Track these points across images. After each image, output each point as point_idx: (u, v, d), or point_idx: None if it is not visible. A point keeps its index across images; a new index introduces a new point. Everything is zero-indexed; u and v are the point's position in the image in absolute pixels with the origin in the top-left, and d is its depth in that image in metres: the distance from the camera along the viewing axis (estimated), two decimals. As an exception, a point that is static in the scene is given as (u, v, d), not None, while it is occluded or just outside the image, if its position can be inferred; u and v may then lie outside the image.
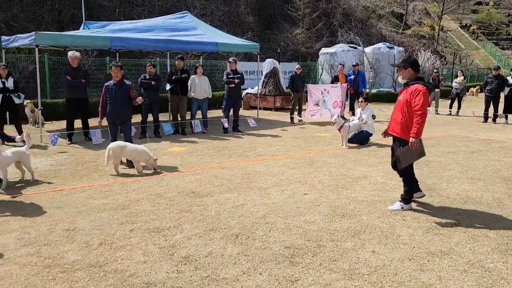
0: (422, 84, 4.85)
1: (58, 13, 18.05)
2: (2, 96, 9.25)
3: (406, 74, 4.99)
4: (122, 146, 6.71)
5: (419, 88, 4.80)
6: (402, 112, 4.92)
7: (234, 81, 10.70)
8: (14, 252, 3.91)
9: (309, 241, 4.21)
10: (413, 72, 4.95)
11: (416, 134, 4.75)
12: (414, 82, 4.90)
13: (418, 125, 4.74)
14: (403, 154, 4.91)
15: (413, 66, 4.96)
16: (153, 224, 4.61)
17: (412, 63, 5.00)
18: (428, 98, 4.86)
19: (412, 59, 5.06)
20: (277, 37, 26.64)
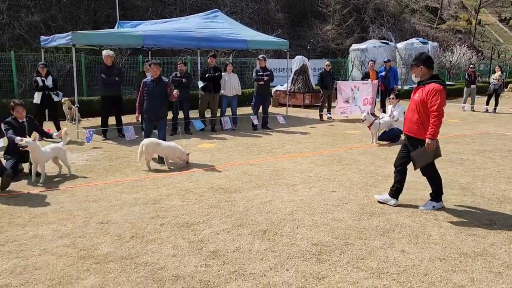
0: (439, 83, 4.70)
1: (94, 13, 18.59)
2: (42, 94, 9.63)
3: (419, 72, 4.83)
4: (156, 143, 6.86)
5: (436, 87, 4.65)
6: (418, 112, 4.78)
7: (263, 78, 10.72)
8: (51, 243, 4.09)
9: (336, 238, 4.19)
10: (426, 70, 4.79)
11: (433, 135, 4.62)
12: (430, 80, 4.75)
13: (434, 126, 4.61)
14: (419, 155, 4.77)
15: (425, 64, 4.79)
16: (183, 219, 4.70)
17: (425, 60, 4.81)
18: (445, 97, 4.70)
19: (424, 56, 4.86)
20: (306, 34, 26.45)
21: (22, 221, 4.65)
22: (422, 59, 4.82)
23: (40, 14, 16.72)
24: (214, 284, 3.34)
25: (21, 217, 4.77)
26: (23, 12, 16.38)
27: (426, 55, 4.89)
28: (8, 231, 4.38)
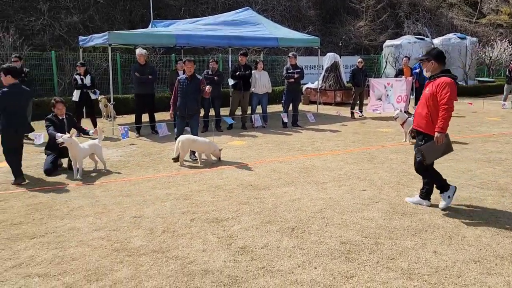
0: (449, 77, 4.62)
1: (129, 13, 19.07)
2: (80, 92, 9.97)
3: (429, 67, 4.76)
4: (192, 139, 6.99)
5: (446, 80, 4.57)
6: (428, 106, 4.70)
7: (294, 76, 10.70)
8: (87, 235, 4.25)
9: (366, 238, 4.15)
10: (437, 65, 4.72)
11: (442, 128, 4.53)
12: (440, 74, 4.68)
13: (444, 120, 4.52)
14: (427, 150, 4.68)
15: (436, 59, 4.72)
16: (213, 215, 4.78)
17: (436, 55, 4.74)
18: (456, 91, 4.61)
19: (436, 51, 4.80)
20: (339, 31, 26.12)
21: (60, 213, 4.86)
22: (433, 54, 4.77)
23: (79, 15, 17.31)
24: (242, 279, 3.39)
25: (60, 210, 4.98)
26: (63, 13, 17.00)
27: (438, 50, 4.85)
28: (48, 222, 4.59)
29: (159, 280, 3.38)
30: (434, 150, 4.65)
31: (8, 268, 3.58)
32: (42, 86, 14.17)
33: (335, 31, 26.17)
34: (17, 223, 4.59)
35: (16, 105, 5.89)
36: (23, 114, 6.14)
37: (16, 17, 16.02)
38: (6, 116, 5.81)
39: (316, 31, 23.43)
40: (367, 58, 22.15)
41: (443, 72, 4.70)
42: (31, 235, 4.27)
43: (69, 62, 14.63)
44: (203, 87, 7.28)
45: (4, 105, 5.76)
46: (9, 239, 4.18)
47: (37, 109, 11.11)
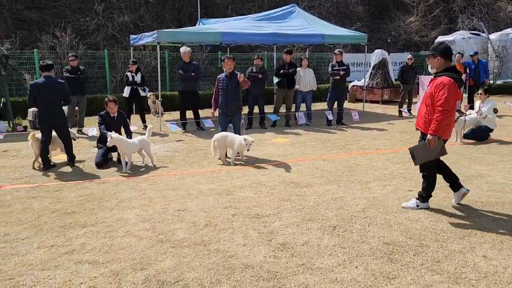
0: (449, 76, 4.37)
1: (178, 12, 19.55)
2: (131, 88, 10.35)
3: (435, 63, 4.52)
4: (225, 136, 7.05)
5: (444, 81, 4.34)
6: (427, 106, 4.53)
7: (339, 73, 10.53)
8: (134, 226, 4.43)
9: (410, 239, 4.03)
10: (443, 61, 4.48)
11: (434, 131, 4.36)
12: (442, 73, 4.45)
13: (437, 122, 4.34)
14: (418, 150, 4.56)
15: (443, 54, 4.47)
16: (254, 211, 4.82)
17: (443, 50, 4.48)
18: (454, 92, 4.34)
19: (443, 46, 4.51)
20: (388, 27, 25.36)
21: (110, 205, 5.09)
22: (440, 49, 4.50)
23: (130, 14, 17.96)
24: (281, 275, 3.40)
25: (109, 201, 5.22)
26: (116, 13, 17.72)
27: (445, 45, 4.55)
28: (98, 213, 4.82)
29: (200, 271, 3.47)
30: (426, 152, 4.50)
31: (62, 254, 3.80)
32: (95, 84, 14.86)
33: (384, 27, 25.44)
34: (70, 212, 4.86)
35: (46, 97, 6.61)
36: (53, 107, 6.59)
37: (73, 17, 16.88)
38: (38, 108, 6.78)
39: (364, 27, 22.90)
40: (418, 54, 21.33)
41: (446, 70, 4.48)
42: (82, 224, 4.51)
43: (120, 60, 15.23)
44: (240, 81, 7.25)
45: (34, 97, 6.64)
46: (63, 227, 4.44)
47: (91, 105, 11.69)
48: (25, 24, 16.20)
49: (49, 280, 3.36)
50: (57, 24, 15.60)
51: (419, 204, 4.77)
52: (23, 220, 4.62)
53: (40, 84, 6.66)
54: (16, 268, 3.56)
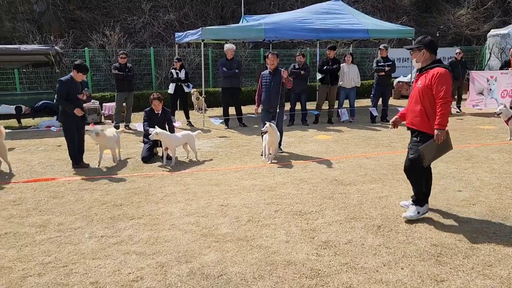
0: (443, 67, 4.17)
1: (221, 9, 19.75)
2: (175, 85, 10.58)
3: (420, 57, 4.29)
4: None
5: (440, 71, 4.12)
6: (422, 101, 4.25)
7: (384, 69, 10.27)
8: (178, 220, 4.54)
9: (460, 241, 3.88)
10: (429, 55, 4.26)
11: (441, 125, 4.13)
12: (433, 65, 4.22)
13: (442, 115, 4.11)
14: (427, 149, 4.22)
15: (428, 47, 4.24)
16: (296, 207, 4.81)
17: (428, 44, 4.25)
18: (451, 82, 4.18)
19: (427, 40, 4.27)
20: (436, 20, 24.40)
21: (155, 198, 5.25)
22: (425, 42, 4.26)
23: (175, 12, 18.34)
24: (324, 273, 3.37)
25: (155, 195, 5.38)
26: (161, 11, 18.15)
27: (430, 38, 4.32)
28: (144, 206, 4.98)
29: (243, 266, 3.50)
30: (434, 149, 4.24)
31: (111, 245, 3.97)
32: (141, 80, 15.32)
33: (432, 21, 24.50)
34: (118, 204, 5.05)
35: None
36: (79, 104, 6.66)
37: (121, 16, 17.46)
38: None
39: (410, 21, 22.17)
40: (468, 49, 20.46)
41: (436, 62, 4.26)
42: (130, 216, 4.67)
43: (165, 58, 15.60)
44: (283, 78, 7.20)
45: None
46: (112, 218, 4.62)
47: (137, 102, 12.07)
48: (77, 24, 16.95)
49: (99, 269, 3.51)
50: (107, 23, 16.20)
51: (420, 211, 4.39)
52: (75, 211, 4.85)
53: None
54: (69, 256, 3.75)
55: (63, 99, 6.47)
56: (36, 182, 6.02)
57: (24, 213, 4.82)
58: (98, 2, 17.75)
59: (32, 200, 5.24)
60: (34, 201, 5.22)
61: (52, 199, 5.27)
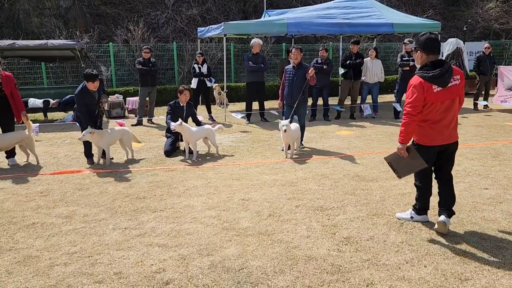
0: (420, 75, 3.69)
1: (244, 4, 19.74)
2: (198, 79, 10.64)
3: (417, 59, 3.84)
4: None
5: (412, 81, 3.75)
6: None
7: (409, 64, 10.07)
8: (200, 213, 4.59)
9: (485, 240, 3.79)
10: (425, 56, 3.76)
11: (401, 139, 3.80)
12: (417, 72, 3.79)
13: (403, 127, 3.79)
14: (393, 160, 3.98)
15: (424, 48, 3.74)
16: (318, 203, 4.79)
17: (424, 43, 3.75)
18: (423, 93, 3.65)
19: (423, 38, 3.77)
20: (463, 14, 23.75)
21: (178, 192, 5.31)
22: (420, 42, 3.79)
23: (198, 7, 18.43)
24: (345, 269, 3.35)
25: (177, 188, 5.44)
26: (184, 6, 18.27)
27: (427, 37, 3.78)
28: (167, 199, 5.05)
29: (264, 260, 3.52)
30: (402, 163, 3.91)
31: (134, 237, 4.04)
32: (164, 75, 15.48)
33: (459, 15, 23.86)
34: (141, 197, 5.14)
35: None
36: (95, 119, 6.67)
37: (144, 12, 17.67)
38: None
39: (437, 15, 21.67)
40: (497, 43, 19.86)
41: (423, 67, 3.75)
42: (153, 209, 4.75)
43: (188, 53, 15.71)
44: (307, 75, 7.18)
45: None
46: (135, 211, 4.70)
47: (160, 96, 12.23)
48: (102, 19, 17.24)
49: (123, 260, 3.58)
50: (131, 19, 16.41)
51: (413, 216, 4.18)
52: (100, 203, 4.96)
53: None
54: (94, 247, 3.84)
55: (84, 112, 6.43)
56: (62, 174, 6.17)
57: (51, 204, 4.96)
58: (123, -3, 18.00)
59: (58, 192, 5.38)
60: (61, 192, 5.36)
61: (78, 191, 5.40)
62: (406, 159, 3.86)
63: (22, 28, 16.11)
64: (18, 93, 6.65)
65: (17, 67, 13.75)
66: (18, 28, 16.05)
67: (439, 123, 3.77)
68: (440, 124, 3.77)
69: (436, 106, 3.72)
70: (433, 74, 3.64)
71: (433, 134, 3.80)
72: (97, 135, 6.45)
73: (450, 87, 3.71)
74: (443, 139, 3.82)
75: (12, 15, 16.32)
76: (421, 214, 4.16)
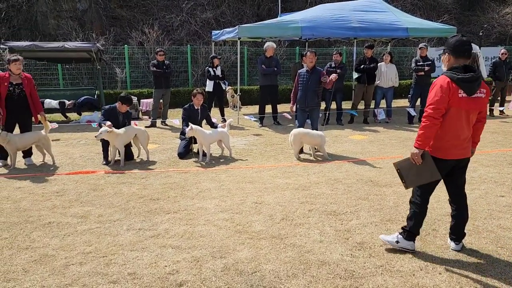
0: (449, 75, 3.36)
1: (257, 7, 19.81)
2: (213, 82, 10.66)
3: (445, 62, 3.52)
4: (304, 133, 6.99)
5: (437, 81, 3.41)
6: None
7: (424, 69, 10.01)
8: (213, 215, 4.61)
9: (502, 248, 3.74)
10: (454, 59, 3.44)
11: (418, 143, 3.41)
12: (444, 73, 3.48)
13: (421, 131, 3.39)
14: (403, 167, 3.58)
15: (454, 51, 3.43)
16: (331, 207, 4.78)
17: (453, 46, 3.44)
18: (448, 95, 3.32)
19: (453, 41, 3.45)
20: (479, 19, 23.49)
21: (191, 194, 5.34)
22: (450, 44, 3.47)
23: (212, 11, 18.55)
24: (359, 275, 3.34)
25: (190, 190, 5.48)
26: (199, 10, 18.41)
27: (458, 39, 3.46)
28: (180, 201, 5.08)
29: (277, 264, 3.52)
30: (413, 171, 3.52)
31: (148, 238, 4.08)
32: (178, 77, 15.60)
33: (475, 20, 23.61)
34: (155, 198, 5.18)
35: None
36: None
37: (159, 14, 17.84)
38: None
39: (452, 20, 21.46)
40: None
41: (451, 69, 3.41)
42: (166, 210, 4.78)
43: (201, 55, 15.81)
44: (323, 78, 7.16)
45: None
46: (149, 212, 4.75)
47: (173, 98, 12.32)
48: (118, 22, 17.45)
49: (137, 261, 3.62)
50: (146, 21, 16.59)
51: (399, 241, 3.69)
52: (114, 204, 5.02)
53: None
54: (109, 247, 3.88)
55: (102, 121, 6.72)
56: (78, 175, 6.26)
57: (67, 203, 5.03)
58: (138, 0, 18.19)
59: (73, 192, 5.46)
60: (76, 192, 5.43)
61: (93, 191, 5.46)
62: (418, 167, 3.48)
63: (40, 30, 16.39)
64: (36, 94, 6.79)
65: (34, 68, 13.98)
66: (35, 29, 16.34)
67: (457, 135, 3.44)
68: (458, 135, 3.44)
69: (457, 114, 3.39)
70: (463, 76, 3.33)
71: (449, 146, 3.47)
72: (114, 134, 6.53)
73: (475, 98, 3.40)
74: (459, 153, 3.50)
75: (30, 17, 16.62)
76: (409, 240, 3.67)
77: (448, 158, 3.50)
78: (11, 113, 6.59)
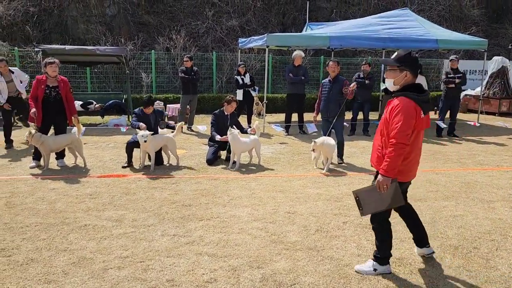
0: (410, 97, 3.19)
1: (283, 16, 19.85)
2: (243, 90, 10.66)
3: (400, 79, 3.31)
4: (321, 142, 6.82)
5: (401, 103, 3.18)
6: (381, 135, 3.39)
7: (455, 81, 9.84)
8: (247, 224, 4.58)
9: (548, 270, 3.61)
10: (411, 77, 3.30)
11: (386, 171, 3.19)
12: (400, 93, 3.28)
13: (389, 159, 3.17)
14: (365, 195, 3.38)
15: (413, 68, 3.29)
16: (366, 220, 4.67)
17: (412, 62, 3.31)
18: (414, 118, 3.17)
19: (411, 57, 3.32)
20: (508, 32, 23.07)
21: (222, 201, 5.33)
22: (408, 61, 3.30)
23: (238, 19, 18.67)
24: (401, 291, 3.26)
25: (222, 198, 5.47)
26: (224, 17, 18.54)
27: (414, 56, 3.37)
28: (212, 208, 5.08)
29: (315, 277, 3.46)
30: (374, 198, 3.34)
31: (183, 244, 4.07)
32: (202, 84, 15.70)
33: (503, 32, 23.20)
34: (187, 205, 5.18)
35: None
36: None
37: (186, 21, 18.04)
38: None
39: (480, 32, 21.13)
40: (543, 62, 19.10)
41: (406, 88, 3.28)
42: (199, 217, 4.78)
43: (227, 62, 15.90)
44: (345, 89, 7.06)
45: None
46: (182, 218, 4.75)
47: (198, 104, 12.35)
48: (145, 27, 17.70)
49: (174, 267, 3.61)
50: (173, 28, 16.79)
51: (377, 268, 3.52)
52: (147, 208, 5.04)
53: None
54: (145, 252, 3.89)
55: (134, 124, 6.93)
56: (109, 178, 6.32)
57: (101, 206, 5.08)
58: (165, 7, 18.44)
59: (107, 195, 5.51)
60: (109, 196, 5.48)
61: (125, 195, 5.51)
62: (381, 195, 3.29)
63: (69, 34, 16.74)
64: (72, 97, 6.91)
65: (63, 72, 14.27)
66: (65, 33, 16.69)
67: (418, 155, 3.40)
68: (418, 155, 3.41)
69: (418, 135, 3.30)
70: (423, 97, 3.22)
71: (411, 168, 3.39)
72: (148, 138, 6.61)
73: (427, 115, 3.31)
74: (415, 173, 3.47)
75: (60, 21, 17.00)
76: (384, 264, 3.54)
77: (408, 180, 3.49)
78: (46, 115, 6.72)
